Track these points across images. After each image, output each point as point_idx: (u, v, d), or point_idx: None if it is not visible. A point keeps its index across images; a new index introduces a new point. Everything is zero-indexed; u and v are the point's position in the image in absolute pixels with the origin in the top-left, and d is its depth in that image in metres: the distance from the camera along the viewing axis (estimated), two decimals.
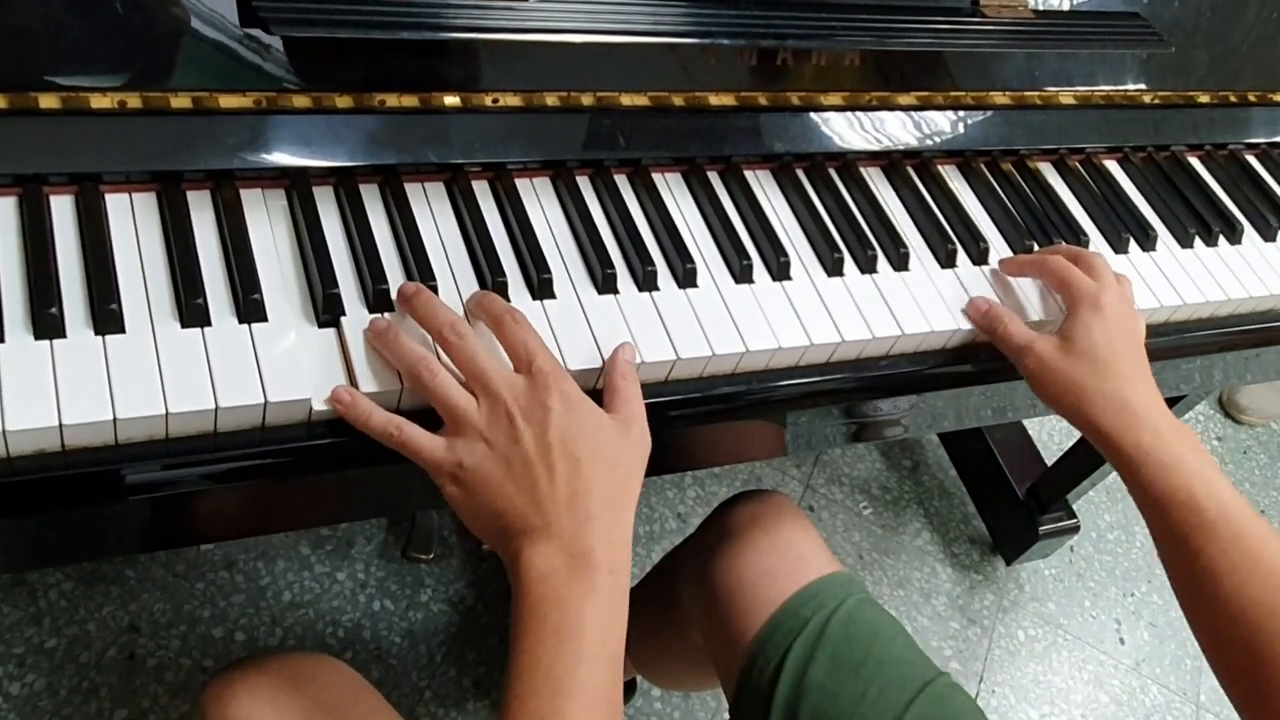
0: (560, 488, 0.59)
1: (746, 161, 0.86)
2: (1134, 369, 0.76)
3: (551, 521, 0.59)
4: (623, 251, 0.76)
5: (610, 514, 0.61)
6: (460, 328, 0.63)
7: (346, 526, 1.47)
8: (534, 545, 0.59)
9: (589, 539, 0.59)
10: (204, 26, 0.66)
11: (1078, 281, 0.78)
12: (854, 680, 0.79)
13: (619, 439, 0.63)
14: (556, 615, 0.58)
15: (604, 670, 0.58)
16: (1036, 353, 0.76)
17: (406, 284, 0.67)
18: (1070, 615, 1.69)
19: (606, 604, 0.59)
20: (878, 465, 1.81)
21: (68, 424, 0.56)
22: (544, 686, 0.56)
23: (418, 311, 0.65)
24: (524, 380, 0.62)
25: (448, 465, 0.60)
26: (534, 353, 0.63)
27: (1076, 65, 0.96)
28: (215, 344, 0.62)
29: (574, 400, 0.62)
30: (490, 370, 0.62)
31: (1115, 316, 0.76)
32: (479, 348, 0.62)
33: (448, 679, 1.37)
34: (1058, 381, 0.75)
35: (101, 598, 1.32)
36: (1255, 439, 2.08)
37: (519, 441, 0.60)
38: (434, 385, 0.61)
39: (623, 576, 0.61)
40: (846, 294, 0.79)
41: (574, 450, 0.60)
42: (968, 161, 0.93)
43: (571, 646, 0.57)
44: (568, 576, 0.58)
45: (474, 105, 0.75)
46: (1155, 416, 0.73)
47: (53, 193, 0.65)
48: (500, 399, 0.61)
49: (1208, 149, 1.05)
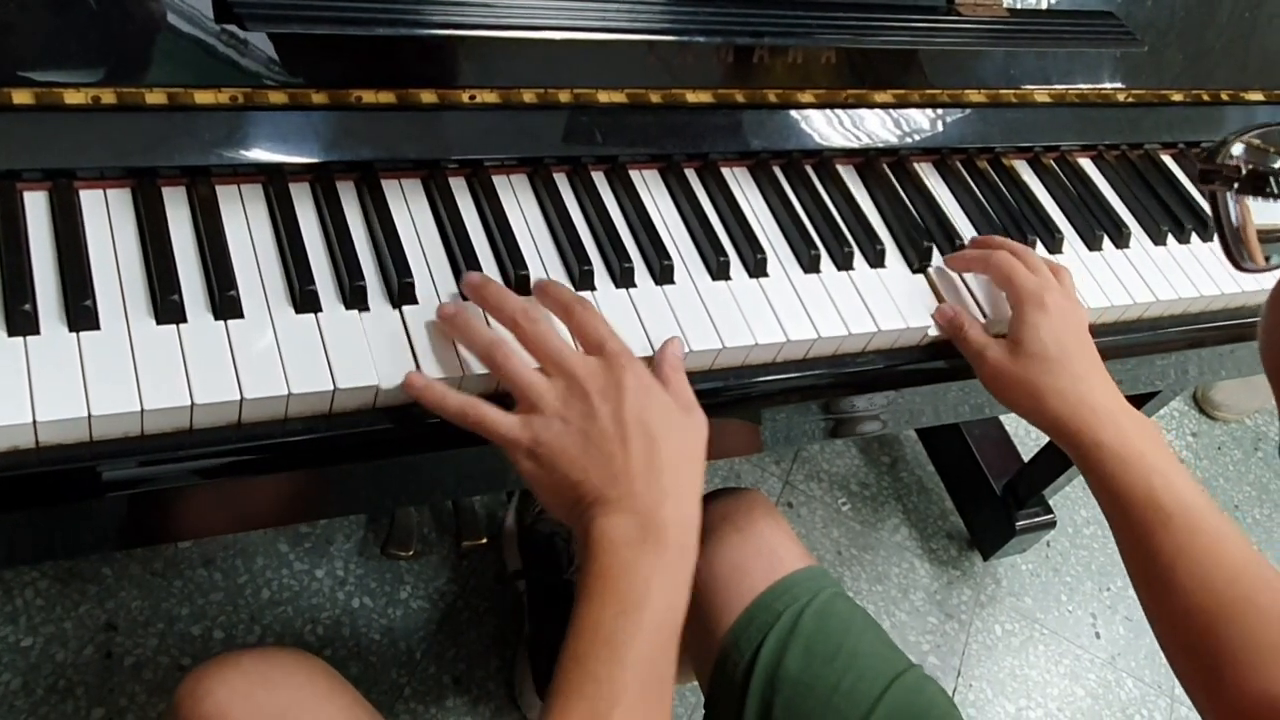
0: (636, 463, 0.61)
1: (724, 159, 0.86)
2: (1086, 365, 0.76)
3: (627, 494, 0.61)
4: (600, 248, 0.77)
5: (682, 493, 0.63)
6: (533, 313, 0.65)
7: (326, 524, 1.47)
8: (609, 516, 0.61)
9: (664, 514, 0.61)
10: (179, 22, 0.66)
11: (1021, 280, 0.78)
12: (827, 672, 0.80)
13: (686, 421, 0.65)
14: (624, 583, 0.59)
15: (664, 641, 0.60)
16: (989, 359, 0.77)
17: (472, 274, 0.69)
18: (1047, 610, 1.71)
19: (672, 579, 0.61)
20: (856, 461, 1.82)
21: (41, 421, 0.56)
22: (603, 650, 0.58)
23: (489, 300, 0.67)
24: (597, 361, 0.64)
25: (525, 442, 0.62)
26: (605, 337, 0.65)
27: (1051, 64, 0.96)
28: (191, 341, 0.62)
29: (645, 381, 0.64)
30: (565, 352, 0.64)
31: (1059, 313, 0.77)
32: (553, 332, 0.65)
33: (427, 676, 1.37)
34: (1013, 385, 0.76)
35: (78, 596, 1.32)
36: (1229, 435, 2.10)
37: (595, 418, 0.62)
38: (509, 366, 0.64)
39: (690, 557, 0.63)
40: (823, 291, 0.80)
41: (650, 428, 0.62)
42: (944, 159, 0.94)
43: (634, 616, 0.58)
44: (639, 547, 0.60)
45: (451, 102, 0.75)
46: (1113, 411, 0.74)
47: (26, 189, 0.65)
48: (576, 378, 0.63)
49: (1181, 147, 1.06)
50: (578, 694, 0.57)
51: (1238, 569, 0.67)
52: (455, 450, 0.69)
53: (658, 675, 0.59)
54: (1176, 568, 0.67)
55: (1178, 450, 2.03)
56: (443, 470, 0.73)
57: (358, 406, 0.65)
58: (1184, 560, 0.67)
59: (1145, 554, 0.70)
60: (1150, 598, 0.70)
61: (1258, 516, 1.96)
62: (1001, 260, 0.80)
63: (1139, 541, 0.70)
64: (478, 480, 0.78)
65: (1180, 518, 0.69)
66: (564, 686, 0.57)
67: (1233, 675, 0.63)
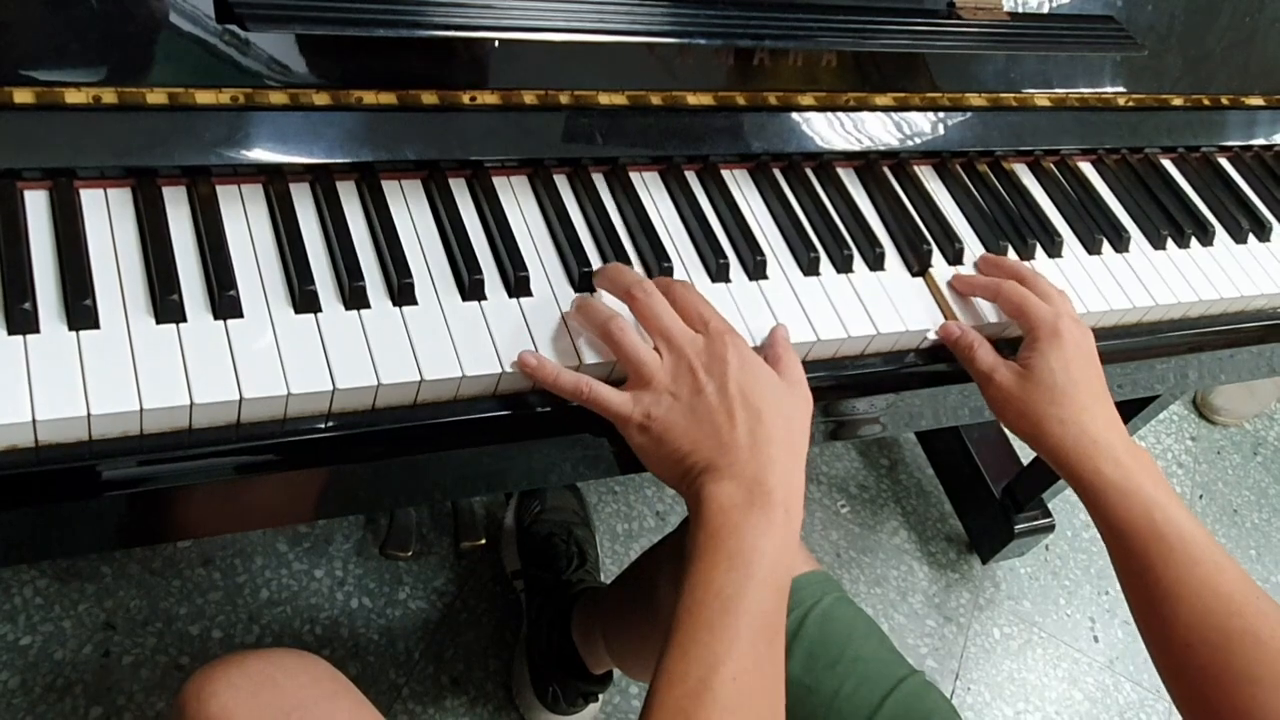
0: (742, 433, 0.65)
1: (724, 161, 0.86)
2: (1092, 396, 0.76)
3: (734, 462, 0.64)
4: (599, 250, 0.77)
5: (788, 460, 0.66)
6: (647, 285, 0.69)
7: (324, 524, 1.47)
8: (717, 483, 0.64)
9: (770, 479, 0.64)
10: (181, 22, 0.66)
11: (1035, 310, 0.79)
12: (829, 677, 0.80)
13: (789, 394, 0.68)
14: (733, 542, 0.62)
15: (772, 595, 0.62)
16: (997, 381, 0.78)
17: (600, 267, 0.74)
18: (1045, 613, 1.71)
19: (780, 538, 0.63)
20: (855, 464, 1.82)
21: (40, 420, 0.56)
22: (715, 602, 0.61)
23: (607, 276, 0.72)
24: (703, 338, 0.68)
25: (637, 417, 0.66)
26: (708, 315, 0.69)
27: (1051, 68, 0.96)
28: (191, 340, 0.62)
29: (748, 357, 0.68)
30: (675, 327, 0.68)
31: (1072, 341, 0.77)
32: (665, 306, 0.68)
33: (425, 676, 1.37)
34: (1017, 409, 0.77)
35: (77, 595, 1.32)
36: (1229, 439, 2.10)
37: (702, 392, 0.66)
38: (623, 340, 0.67)
39: (796, 519, 0.65)
40: (822, 293, 0.80)
41: (754, 401, 0.66)
42: (944, 162, 0.94)
43: (744, 570, 0.61)
44: (746, 509, 0.63)
45: (452, 103, 0.75)
46: (1114, 444, 0.75)
47: (27, 188, 0.65)
48: (684, 354, 0.67)
49: (1181, 151, 1.06)
50: (692, 641, 0.60)
51: (1238, 601, 0.67)
52: (455, 451, 0.70)
53: (768, 625, 0.62)
54: (1179, 599, 0.68)
55: (1177, 454, 2.04)
56: (443, 470, 0.73)
57: (357, 407, 0.65)
58: (1186, 592, 0.68)
59: (1146, 585, 0.70)
60: (1151, 628, 0.71)
61: (1256, 521, 1.96)
62: (1012, 291, 0.81)
63: (1140, 573, 0.71)
64: (478, 481, 0.78)
65: (1181, 551, 0.69)
66: (679, 637, 0.60)
67: (1233, 706, 0.64)
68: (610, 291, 0.72)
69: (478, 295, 0.71)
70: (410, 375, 0.65)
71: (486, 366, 0.67)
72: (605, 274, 0.72)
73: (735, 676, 0.59)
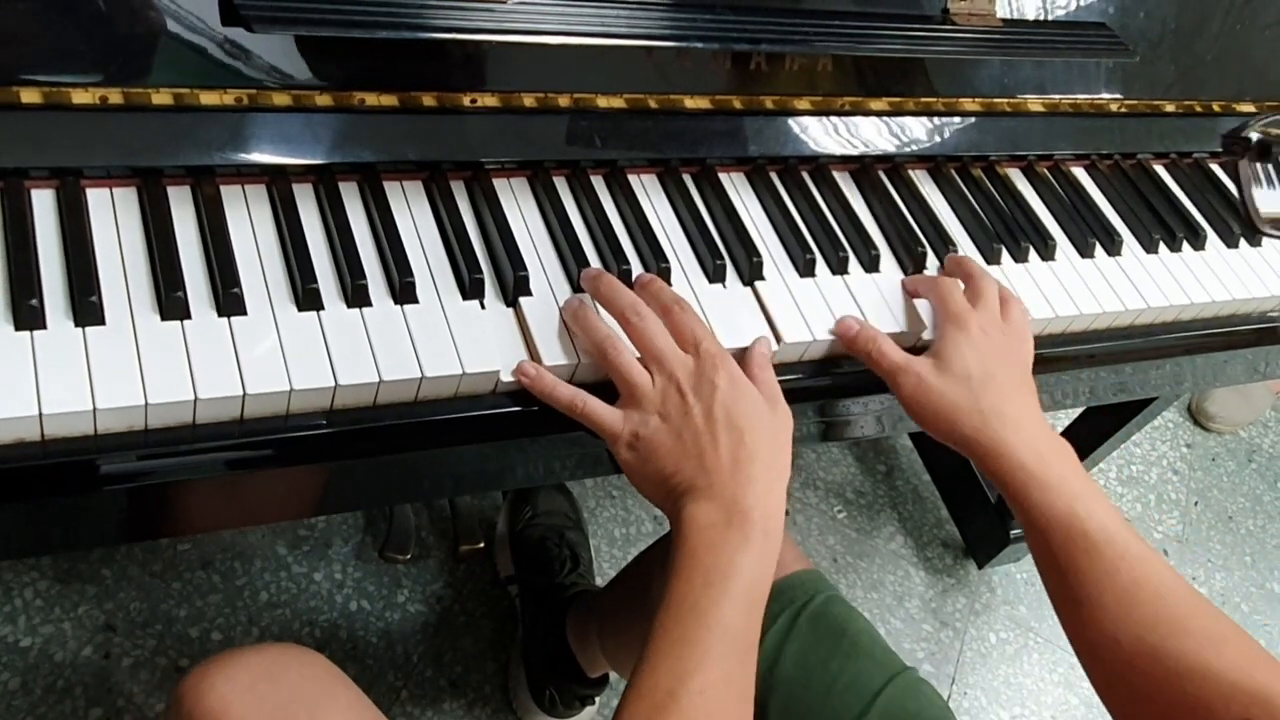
0: (724, 455, 0.66)
1: (721, 164, 0.87)
2: (1012, 388, 0.75)
3: (715, 483, 0.66)
4: (598, 251, 0.78)
5: (768, 480, 0.67)
6: (641, 309, 0.70)
7: (324, 527, 1.47)
8: (697, 503, 0.65)
9: (748, 499, 0.65)
10: (185, 24, 0.67)
11: (949, 300, 0.78)
12: (822, 673, 0.80)
13: (771, 415, 0.69)
14: (709, 559, 0.64)
15: (745, 612, 0.64)
16: (915, 372, 0.75)
17: (589, 269, 0.75)
18: (1041, 618, 1.71)
19: (757, 557, 0.64)
20: (852, 469, 1.83)
21: (47, 414, 0.57)
22: (688, 616, 0.62)
23: (602, 292, 0.72)
24: (693, 360, 0.69)
25: (625, 435, 0.68)
26: (700, 337, 0.70)
27: (1045, 74, 0.98)
28: (195, 337, 0.63)
29: (736, 379, 0.69)
30: (666, 350, 0.69)
31: (982, 336, 0.76)
32: (658, 329, 0.70)
33: (424, 679, 1.38)
34: (934, 401, 0.74)
35: (77, 596, 1.32)
36: (1223, 446, 2.10)
37: (689, 414, 0.67)
38: (618, 361, 0.68)
39: (775, 539, 0.66)
40: (818, 294, 0.81)
41: (737, 422, 0.67)
42: (939, 167, 0.95)
43: (719, 586, 0.63)
44: (724, 529, 0.64)
45: (452, 105, 0.76)
46: (1035, 436, 0.73)
47: (34, 186, 0.66)
48: (674, 376, 0.68)
49: (1173, 157, 1.08)
50: (662, 655, 0.61)
51: (1163, 593, 0.67)
52: (456, 448, 0.70)
53: (740, 640, 0.63)
54: (1104, 595, 0.68)
55: (1172, 462, 2.04)
56: (443, 467, 0.74)
57: (358, 403, 0.66)
58: (1112, 589, 0.67)
59: (1071, 579, 0.69)
60: (1076, 622, 0.70)
61: (1251, 527, 1.97)
62: (940, 284, 0.80)
63: (1064, 567, 0.70)
64: (478, 478, 0.78)
65: (1106, 545, 0.68)
66: (649, 651, 0.62)
67: (1166, 699, 0.63)
68: (605, 309, 0.72)
69: (478, 294, 0.71)
70: (411, 372, 0.65)
71: (486, 364, 0.67)
72: (599, 290, 0.72)
73: (702, 689, 0.60)
